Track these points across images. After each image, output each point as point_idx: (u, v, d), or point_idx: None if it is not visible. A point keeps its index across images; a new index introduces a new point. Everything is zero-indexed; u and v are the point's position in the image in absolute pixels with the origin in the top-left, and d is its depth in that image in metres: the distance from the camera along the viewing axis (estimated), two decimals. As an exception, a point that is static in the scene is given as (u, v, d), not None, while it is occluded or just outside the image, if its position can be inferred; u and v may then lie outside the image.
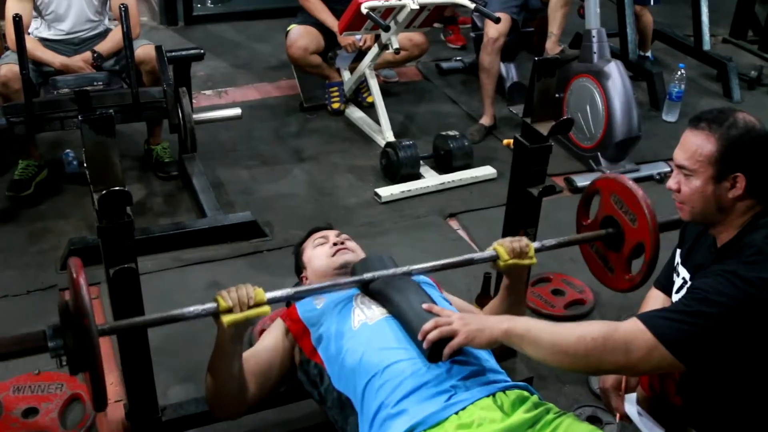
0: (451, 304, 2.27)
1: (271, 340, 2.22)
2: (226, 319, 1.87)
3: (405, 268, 2.12)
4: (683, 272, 2.14)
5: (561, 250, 3.46)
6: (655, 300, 2.30)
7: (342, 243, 2.41)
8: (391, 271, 2.12)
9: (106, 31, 3.87)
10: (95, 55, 3.68)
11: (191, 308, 1.89)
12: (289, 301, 2.27)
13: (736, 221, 1.95)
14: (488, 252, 2.20)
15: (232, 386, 2.05)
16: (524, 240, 2.20)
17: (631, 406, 2.23)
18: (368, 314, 2.09)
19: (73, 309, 1.70)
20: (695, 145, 1.92)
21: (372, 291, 2.13)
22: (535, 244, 2.22)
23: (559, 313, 3.11)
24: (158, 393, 2.29)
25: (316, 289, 2.13)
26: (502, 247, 2.17)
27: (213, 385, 2.05)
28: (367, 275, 2.11)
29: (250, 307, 1.89)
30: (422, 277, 2.29)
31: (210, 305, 1.89)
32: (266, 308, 1.91)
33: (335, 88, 4.68)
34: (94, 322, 1.69)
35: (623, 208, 2.20)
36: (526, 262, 2.19)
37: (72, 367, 1.75)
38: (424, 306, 2.00)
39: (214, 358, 2.02)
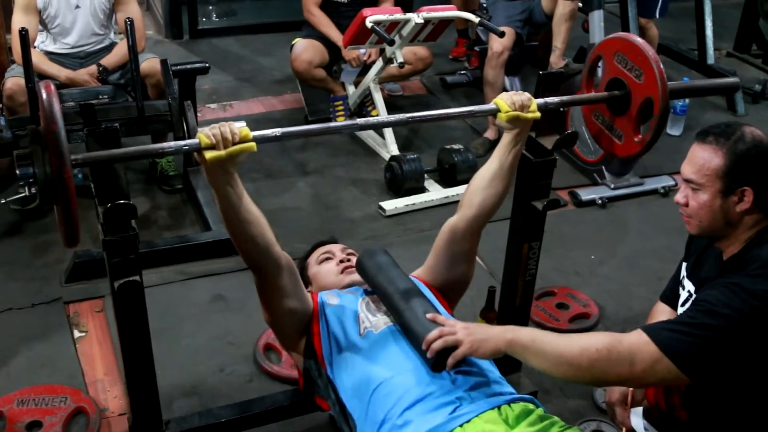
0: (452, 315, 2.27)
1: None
2: (209, 155, 1.78)
3: (401, 116, 2.12)
4: (689, 285, 2.14)
5: (566, 263, 3.50)
6: (660, 313, 2.30)
7: (348, 260, 2.41)
8: (387, 118, 2.09)
9: (112, 45, 3.89)
10: (101, 68, 3.69)
11: (172, 144, 1.84)
12: (278, 140, 2.07)
13: (743, 235, 1.95)
14: (489, 105, 2.16)
15: (253, 232, 1.96)
16: (526, 94, 2.15)
17: (637, 419, 2.22)
18: (373, 322, 2.10)
19: (43, 129, 1.58)
20: (703, 159, 1.92)
21: (376, 287, 2.15)
22: (538, 101, 2.17)
23: (563, 326, 3.10)
24: (162, 406, 2.28)
25: (306, 131, 2.10)
26: (503, 100, 2.12)
27: (234, 238, 1.98)
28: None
29: (234, 144, 1.81)
30: (421, 284, 2.29)
31: (192, 141, 1.82)
32: (251, 144, 1.83)
33: (339, 102, 4.68)
34: (66, 139, 1.59)
35: (628, 65, 2.14)
36: (528, 115, 2.14)
37: (43, 197, 1.64)
38: (429, 316, 2.00)
39: (219, 209, 1.93)
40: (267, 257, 2.03)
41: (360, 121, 2.10)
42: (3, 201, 2.53)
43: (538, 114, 2.15)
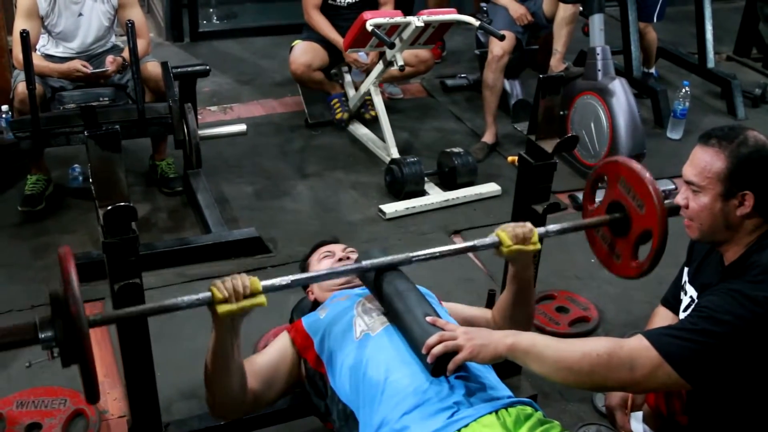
0: (449, 314, 2.26)
1: (277, 347, 2.21)
2: (221, 309, 1.83)
3: (404, 255, 2.10)
4: (691, 291, 2.14)
5: (566, 267, 3.50)
6: (661, 317, 2.30)
7: (347, 257, 2.42)
8: (389, 258, 2.10)
9: (114, 48, 3.89)
10: (125, 62, 3.67)
11: (185, 298, 1.85)
12: (287, 288, 2.19)
13: (744, 240, 1.95)
14: (491, 238, 2.13)
15: (230, 382, 2.01)
16: (528, 225, 2.15)
17: (637, 424, 2.22)
18: (370, 324, 2.09)
19: (63, 298, 1.66)
20: (704, 161, 1.92)
21: (376, 287, 2.13)
22: (539, 230, 2.16)
23: (563, 330, 3.10)
24: (162, 409, 2.28)
25: (313, 277, 2.13)
26: (505, 233, 2.11)
27: (210, 379, 2.01)
28: (366, 263, 2.09)
29: (245, 297, 1.85)
30: (424, 289, 2.28)
31: (204, 294, 1.85)
32: (262, 298, 1.86)
33: (336, 100, 4.68)
34: (84, 311, 1.64)
35: (630, 193, 2.15)
36: (530, 248, 2.12)
37: (64, 358, 1.69)
38: (428, 319, 2.00)
39: (210, 351, 1.97)
40: (239, 408, 2.10)
41: (366, 263, 2.09)
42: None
43: (539, 246, 2.14)
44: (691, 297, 2.13)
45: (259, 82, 5.39)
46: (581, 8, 4.41)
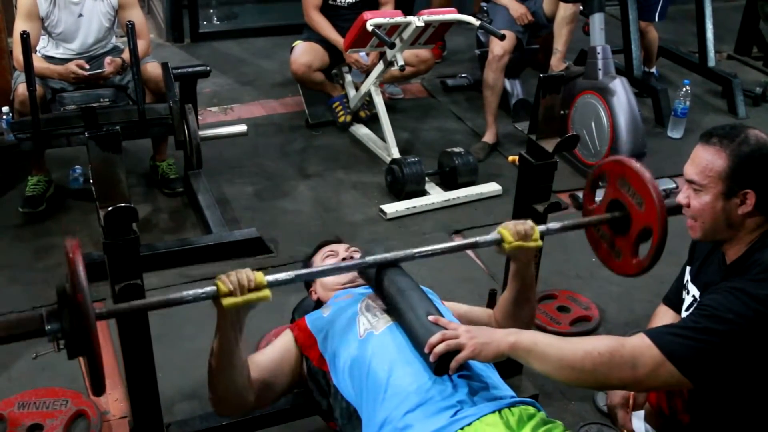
0: (453, 313, 2.26)
1: (280, 345, 2.22)
2: (226, 302, 1.83)
3: (407, 252, 2.10)
4: (693, 289, 2.14)
5: (567, 266, 3.50)
6: (663, 316, 2.30)
7: (351, 257, 2.42)
8: (392, 254, 2.10)
9: (114, 49, 3.89)
10: (124, 63, 3.68)
11: (190, 292, 1.85)
12: (291, 282, 2.20)
13: (746, 238, 1.95)
14: (493, 235, 2.14)
15: (235, 379, 2.01)
16: (529, 222, 2.16)
17: (639, 422, 2.22)
18: (373, 323, 2.09)
19: (69, 290, 1.66)
20: (706, 160, 1.92)
21: (378, 286, 2.13)
22: (540, 228, 2.17)
23: (564, 329, 3.10)
24: (163, 409, 2.28)
25: (317, 271, 2.13)
26: (507, 230, 2.12)
27: (214, 375, 2.01)
28: (369, 258, 2.10)
29: (250, 291, 1.86)
30: (425, 289, 2.28)
31: (209, 288, 1.86)
32: (266, 292, 1.87)
33: (337, 103, 4.68)
34: (91, 302, 1.65)
35: (630, 191, 2.15)
36: (531, 244, 2.13)
37: (70, 350, 1.70)
38: (431, 318, 2.00)
39: (215, 347, 1.97)
40: (243, 405, 2.10)
41: (369, 259, 2.09)
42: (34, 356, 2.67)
43: (540, 243, 2.15)
44: (693, 296, 2.13)
45: (259, 83, 5.39)
46: (582, 7, 4.41)
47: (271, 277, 1.90)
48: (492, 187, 4.13)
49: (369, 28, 3.94)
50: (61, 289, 1.71)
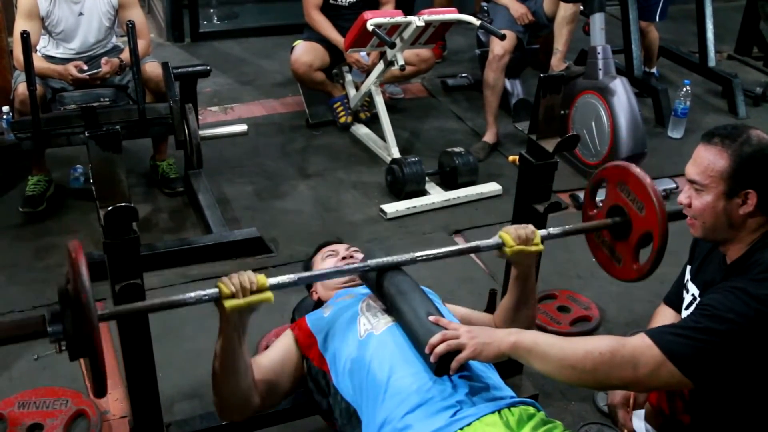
0: (453, 315, 2.26)
1: (281, 346, 2.21)
2: (228, 304, 1.84)
3: (408, 255, 2.10)
4: (693, 289, 2.14)
5: (567, 266, 3.50)
6: (664, 316, 2.29)
7: (351, 256, 2.42)
8: (393, 258, 2.11)
9: (114, 49, 3.89)
10: (122, 63, 3.68)
11: (192, 294, 1.85)
12: (294, 285, 2.20)
13: (747, 238, 1.95)
14: (494, 239, 2.15)
15: (239, 382, 2.01)
16: (530, 227, 2.16)
17: (639, 422, 2.22)
18: (374, 323, 2.09)
19: (72, 292, 1.66)
20: (707, 160, 1.92)
21: (378, 288, 2.13)
22: (542, 232, 2.18)
23: (564, 329, 3.09)
24: (163, 409, 2.28)
25: (319, 275, 2.13)
26: (508, 234, 2.13)
27: (219, 379, 2.01)
28: (371, 262, 2.10)
29: (252, 293, 1.87)
30: (426, 289, 2.28)
31: (212, 291, 1.86)
32: (269, 294, 1.88)
33: (338, 104, 4.68)
34: (94, 303, 1.65)
35: (630, 196, 2.16)
36: (533, 248, 2.14)
37: (72, 352, 1.70)
38: (431, 318, 1.99)
39: (218, 350, 1.97)
40: (248, 408, 2.09)
41: (370, 262, 2.10)
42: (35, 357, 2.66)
43: (541, 247, 2.16)
44: (693, 295, 2.13)
45: (259, 83, 5.39)
46: (582, 7, 4.41)
47: (273, 280, 1.91)
48: (492, 187, 4.13)
49: (369, 27, 3.94)
50: (63, 291, 1.71)
